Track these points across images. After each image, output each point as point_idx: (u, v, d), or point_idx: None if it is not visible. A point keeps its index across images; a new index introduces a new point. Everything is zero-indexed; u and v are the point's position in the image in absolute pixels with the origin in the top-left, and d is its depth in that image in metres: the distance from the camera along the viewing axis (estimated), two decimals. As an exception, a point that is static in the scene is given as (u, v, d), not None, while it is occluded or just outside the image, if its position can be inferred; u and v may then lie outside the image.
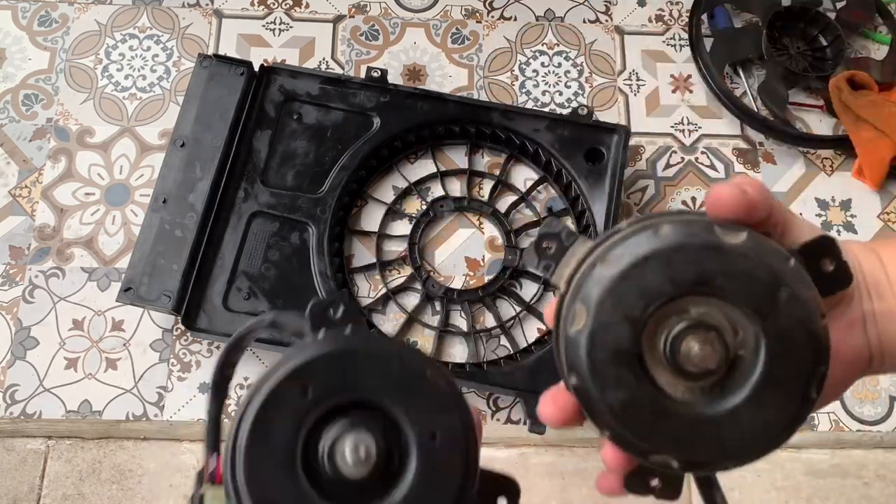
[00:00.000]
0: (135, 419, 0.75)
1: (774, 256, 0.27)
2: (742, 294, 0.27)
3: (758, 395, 0.27)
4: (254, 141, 0.79)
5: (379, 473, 0.28)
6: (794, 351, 0.27)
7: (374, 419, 0.28)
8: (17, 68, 0.88)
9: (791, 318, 0.27)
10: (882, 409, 0.79)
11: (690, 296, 0.27)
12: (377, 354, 0.29)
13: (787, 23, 0.91)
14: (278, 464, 0.28)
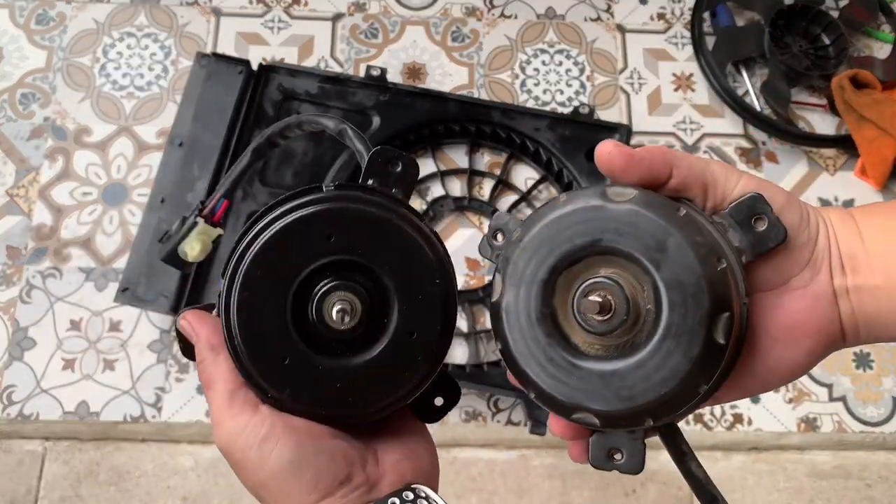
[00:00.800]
0: (132, 420, 0.75)
1: (661, 209, 0.28)
2: (634, 249, 0.28)
3: (661, 345, 0.28)
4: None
5: (363, 329, 0.30)
6: (690, 297, 0.27)
7: (362, 279, 0.31)
8: (15, 67, 0.88)
9: (682, 266, 0.27)
10: (885, 410, 0.78)
11: (594, 257, 0.28)
12: (376, 220, 0.31)
13: (789, 21, 0.90)
14: (272, 316, 0.30)
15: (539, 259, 0.29)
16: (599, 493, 0.75)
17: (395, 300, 0.31)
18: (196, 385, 0.76)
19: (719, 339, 0.27)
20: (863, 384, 0.79)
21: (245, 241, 0.30)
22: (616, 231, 0.28)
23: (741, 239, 0.29)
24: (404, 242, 0.30)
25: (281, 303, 0.30)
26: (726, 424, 0.77)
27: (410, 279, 0.31)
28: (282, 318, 0.30)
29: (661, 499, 0.75)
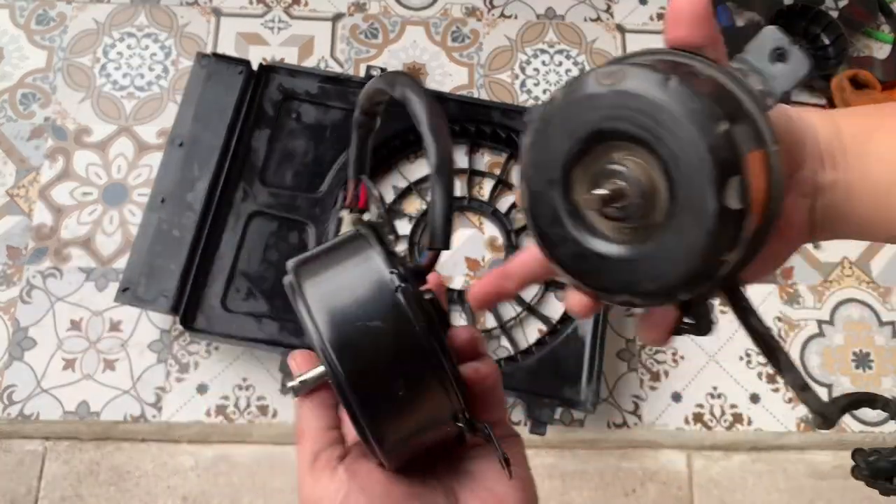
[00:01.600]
0: (133, 420, 0.75)
1: (648, 83, 0.27)
2: (632, 132, 0.27)
3: (678, 222, 0.27)
4: (252, 140, 0.79)
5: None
6: (693, 169, 0.26)
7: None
8: (15, 67, 0.88)
9: (679, 139, 0.26)
10: (885, 410, 0.78)
11: (601, 145, 0.28)
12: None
13: (789, 21, 0.90)
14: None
15: (547, 158, 0.29)
16: (599, 493, 0.75)
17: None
18: (196, 385, 0.76)
19: (732, 205, 0.26)
20: (862, 384, 0.79)
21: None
22: (611, 117, 0.27)
23: (764, 80, 0.28)
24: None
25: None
26: (726, 424, 0.77)
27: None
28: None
29: (661, 498, 0.75)
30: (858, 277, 0.83)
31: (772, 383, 0.79)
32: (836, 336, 0.81)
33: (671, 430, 0.77)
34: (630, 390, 0.78)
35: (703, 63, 0.28)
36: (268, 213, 0.77)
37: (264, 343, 0.72)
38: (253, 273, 0.75)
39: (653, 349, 0.80)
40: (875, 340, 0.81)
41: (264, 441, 0.75)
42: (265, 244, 0.76)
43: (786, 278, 0.83)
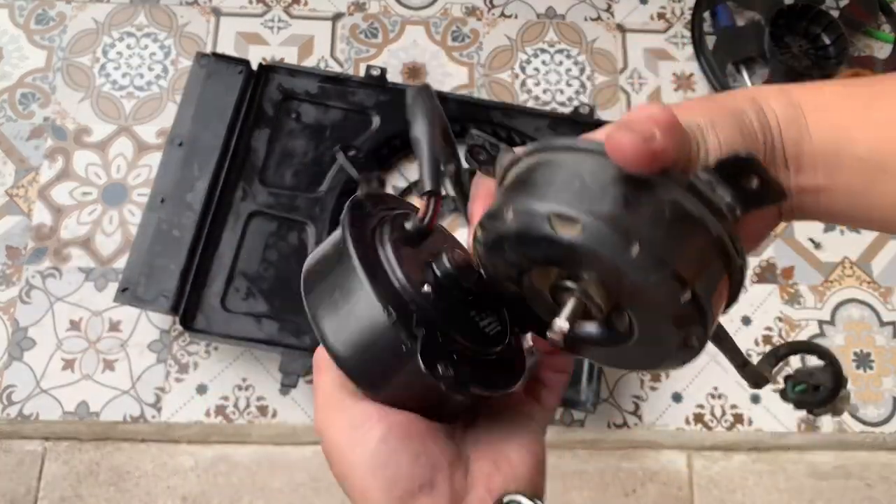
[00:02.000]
0: (132, 421, 0.75)
1: (611, 248, 0.25)
2: (593, 277, 0.27)
3: (639, 339, 0.28)
4: (252, 140, 0.79)
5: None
6: (655, 322, 0.27)
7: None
8: (14, 67, 0.88)
9: (647, 304, 0.26)
10: (885, 410, 0.78)
11: (556, 269, 0.28)
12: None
13: (789, 21, 0.90)
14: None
15: (508, 260, 0.29)
16: (599, 493, 0.75)
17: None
18: (196, 385, 0.76)
19: (693, 344, 0.28)
20: (863, 384, 0.79)
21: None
22: (568, 260, 0.27)
23: (732, 195, 0.26)
24: None
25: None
26: (726, 424, 0.77)
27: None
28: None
29: (662, 499, 0.75)
30: (859, 277, 0.83)
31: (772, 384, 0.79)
32: (836, 336, 0.81)
33: (671, 430, 0.77)
34: (630, 390, 0.78)
35: (668, 185, 0.26)
36: (267, 212, 0.77)
37: (264, 343, 0.72)
38: (252, 273, 0.75)
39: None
40: (876, 340, 0.81)
41: (264, 441, 0.75)
42: (265, 244, 0.76)
43: (786, 278, 0.83)
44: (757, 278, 0.82)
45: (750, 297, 0.81)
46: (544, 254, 0.27)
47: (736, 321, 0.81)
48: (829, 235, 0.84)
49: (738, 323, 0.80)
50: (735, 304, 0.29)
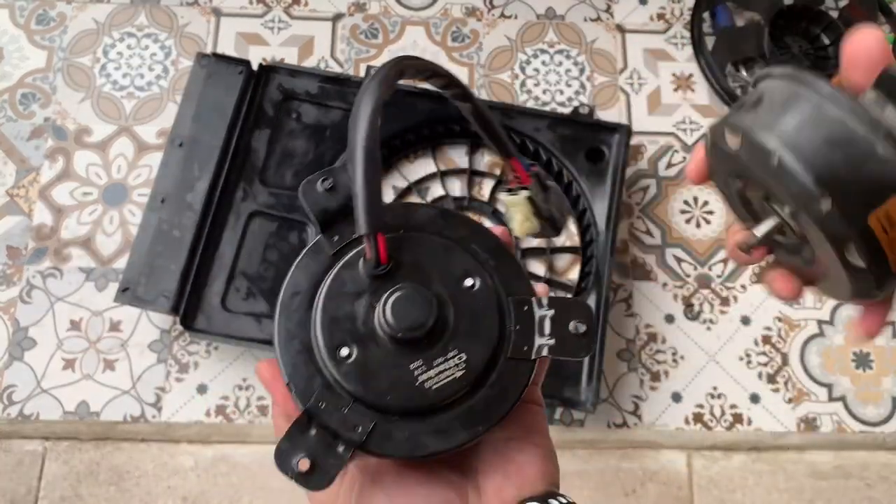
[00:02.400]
0: (133, 420, 0.75)
1: (806, 196, 0.27)
2: (791, 210, 0.30)
3: (825, 268, 0.30)
4: (252, 140, 0.79)
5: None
6: (813, 235, 0.29)
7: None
8: (15, 67, 0.88)
9: (826, 251, 0.28)
10: (885, 410, 0.78)
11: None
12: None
13: (789, 21, 0.91)
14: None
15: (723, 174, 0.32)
16: (600, 493, 0.75)
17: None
18: (196, 385, 0.76)
19: (857, 264, 0.28)
20: (863, 384, 0.79)
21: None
22: (778, 191, 0.29)
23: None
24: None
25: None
26: (726, 424, 0.77)
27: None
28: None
29: (662, 499, 0.75)
30: (858, 277, 0.83)
31: (772, 383, 0.79)
32: (836, 336, 0.81)
33: (671, 430, 0.77)
34: (630, 390, 0.78)
35: (840, 101, 0.26)
36: (268, 213, 0.77)
37: (264, 343, 0.72)
38: (253, 273, 0.75)
39: (653, 350, 0.79)
40: (875, 340, 0.81)
41: (264, 441, 0.75)
42: (265, 244, 0.76)
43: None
44: (756, 278, 0.83)
45: (749, 296, 0.82)
46: (755, 174, 0.29)
47: (735, 321, 0.81)
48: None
49: (737, 323, 0.81)
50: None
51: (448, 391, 0.29)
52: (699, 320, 0.81)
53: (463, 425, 0.29)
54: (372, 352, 0.29)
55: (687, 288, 0.82)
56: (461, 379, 0.29)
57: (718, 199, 0.86)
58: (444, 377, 0.29)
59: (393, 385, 0.29)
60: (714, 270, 0.83)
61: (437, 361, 0.29)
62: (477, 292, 0.31)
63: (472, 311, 0.30)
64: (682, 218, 0.85)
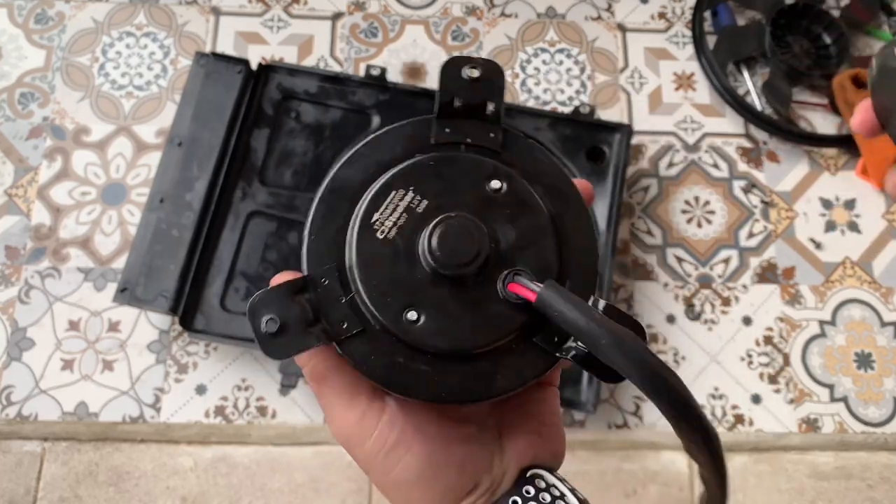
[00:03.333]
0: (131, 421, 0.74)
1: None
2: None
3: None
4: (251, 140, 0.79)
5: (474, 269, 0.27)
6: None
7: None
8: (13, 66, 0.88)
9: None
10: (886, 410, 0.78)
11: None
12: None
13: (790, 20, 0.90)
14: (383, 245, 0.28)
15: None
16: (600, 494, 0.75)
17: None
18: (195, 385, 0.76)
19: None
20: (864, 384, 0.79)
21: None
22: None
23: None
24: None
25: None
26: (727, 425, 0.77)
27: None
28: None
29: (662, 499, 0.75)
30: (860, 278, 0.83)
31: (773, 384, 0.79)
32: (837, 336, 0.81)
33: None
34: (631, 391, 0.78)
35: None
36: (267, 212, 0.77)
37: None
38: (252, 273, 0.75)
39: (654, 350, 0.79)
40: (877, 341, 0.81)
41: (263, 442, 0.75)
42: (264, 244, 0.76)
43: (787, 278, 0.82)
44: (758, 278, 0.82)
45: (751, 297, 0.81)
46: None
47: (737, 321, 0.80)
48: (830, 236, 0.84)
49: (738, 323, 0.80)
50: None
51: (491, 336, 0.27)
52: (700, 321, 0.80)
53: (504, 374, 0.27)
54: (410, 271, 0.27)
55: (688, 288, 0.82)
56: (504, 327, 0.27)
57: (719, 199, 0.85)
58: (489, 321, 0.27)
59: (426, 317, 0.27)
60: (715, 270, 0.82)
61: (481, 302, 0.27)
62: (544, 246, 0.28)
63: (537, 260, 0.28)
64: (683, 218, 0.84)
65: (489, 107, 0.29)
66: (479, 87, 0.29)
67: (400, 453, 0.28)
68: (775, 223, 0.85)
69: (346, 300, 0.27)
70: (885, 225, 0.85)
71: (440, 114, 0.29)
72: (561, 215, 0.29)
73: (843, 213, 0.85)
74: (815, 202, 0.86)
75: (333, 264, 0.28)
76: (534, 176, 0.29)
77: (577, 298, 0.25)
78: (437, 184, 0.28)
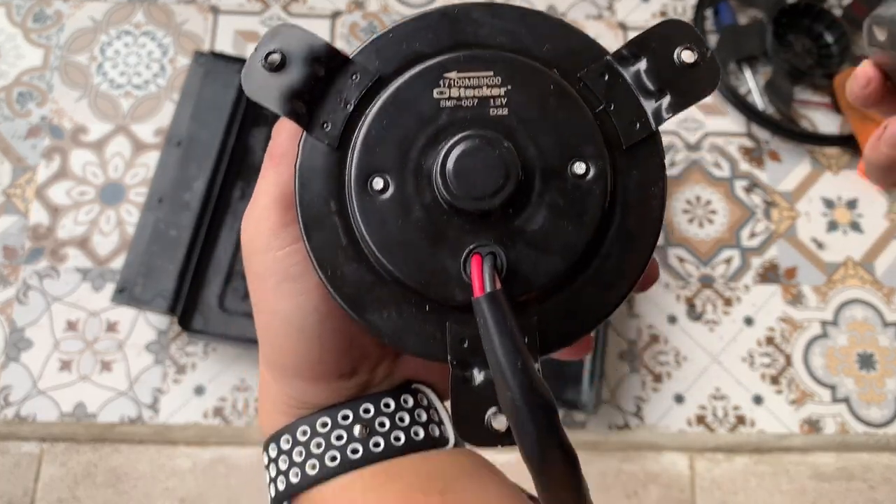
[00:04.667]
0: (130, 422, 0.74)
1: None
2: None
3: None
4: (250, 139, 0.78)
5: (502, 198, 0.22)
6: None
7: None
8: (11, 66, 0.87)
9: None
10: (888, 411, 0.78)
11: None
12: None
13: (792, 19, 0.90)
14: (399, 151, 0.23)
15: None
16: (601, 495, 0.74)
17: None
18: (193, 386, 0.75)
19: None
20: (866, 385, 0.79)
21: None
22: None
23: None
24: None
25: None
26: (728, 426, 0.77)
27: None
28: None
29: (663, 501, 0.74)
30: (862, 278, 0.82)
31: (775, 385, 0.78)
32: (839, 337, 0.80)
33: (673, 431, 0.76)
34: (632, 392, 0.77)
35: None
36: (266, 212, 0.76)
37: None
38: (251, 273, 0.74)
39: (655, 351, 0.79)
40: (879, 341, 0.80)
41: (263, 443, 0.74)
42: (263, 244, 0.75)
43: (789, 279, 0.82)
44: (759, 279, 0.82)
45: (752, 297, 0.81)
46: None
47: (738, 322, 0.80)
48: (832, 236, 0.84)
49: (740, 323, 0.80)
50: None
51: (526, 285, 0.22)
52: (702, 321, 0.80)
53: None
54: (416, 197, 0.23)
55: (689, 288, 0.81)
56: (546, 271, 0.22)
57: (721, 199, 0.85)
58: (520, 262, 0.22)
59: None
60: (717, 271, 0.82)
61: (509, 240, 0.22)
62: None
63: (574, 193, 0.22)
64: (685, 218, 0.84)
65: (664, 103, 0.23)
66: (686, 77, 0.23)
67: (297, 288, 0.24)
68: (777, 223, 0.84)
69: (349, 113, 0.23)
70: (888, 225, 0.85)
71: (617, 55, 0.24)
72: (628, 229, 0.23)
73: (845, 213, 0.85)
74: (817, 202, 0.85)
75: (375, 77, 0.23)
76: (635, 195, 0.23)
77: (514, 334, 0.21)
78: (525, 102, 0.23)
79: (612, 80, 0.23)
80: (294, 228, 0.23)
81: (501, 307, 0.21)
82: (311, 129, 0.23)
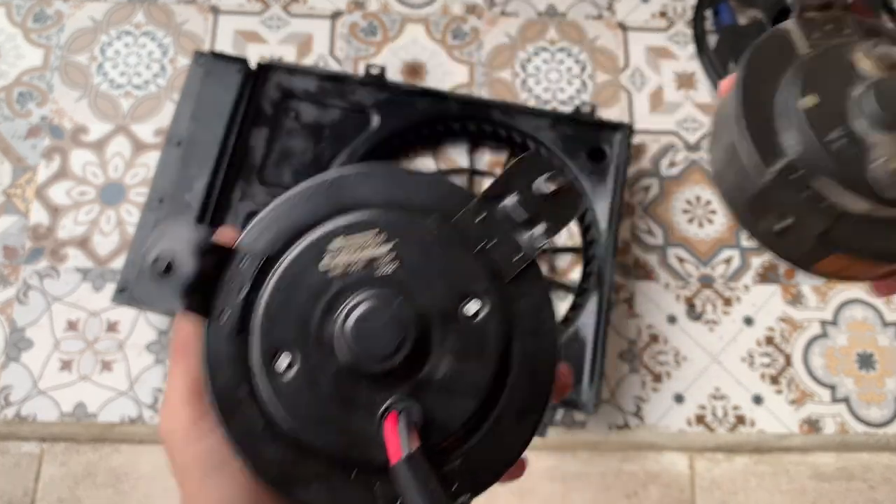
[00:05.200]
0: (130, 422, 0.74)
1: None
2: None
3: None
4: (250, 139, 0.78)
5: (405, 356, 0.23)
6: None
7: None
8: (11, 66, 0.87)
9: None
10: (888, 411, 0.78)
11: None
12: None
13: (792, 19, 0.90)
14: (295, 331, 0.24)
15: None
16: (601, 495, 0.74)
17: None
18: (194, 386, 0.75)
19: None
20: (866, 385, 0.79)
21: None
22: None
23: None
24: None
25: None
26: (728, 426, 0.77)
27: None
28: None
29: (663, 500, 0.75)
30: (862, 278, 0.82)
31: (775, 385, 0.78)
32: (839, 337, 0.80)
33: (673, 431, 0.76)
34: (632, 392, 0.77)
35: None
36: (266, 212, 0.76)
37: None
38: (251, 273, 0.74)
39: (655, 351, 0.79)
40: (878, 341, 0.80)
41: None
42: (263, 244, 0.75)
43: (788, 279, 0.82)
44: (759, 279, 0.82)
45: (752, 297, 0.81)
46: None
47: (738, 321, 0.80)
48: (832, 235, 0.84)
49: (740, 323, 0.80)
50: None
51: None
52: (701, 321, 0.80)
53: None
54: (321, 368, 0.24)
55: (689, 288, 0.81)
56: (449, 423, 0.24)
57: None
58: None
59: (340, 426, 0.23)
60: (717, 270, 0.82)
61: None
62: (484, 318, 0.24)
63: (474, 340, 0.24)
64: (685, 217, 0.84)
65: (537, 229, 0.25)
66: (550, 204, 0.25)
67: (223, 476, 0.24)
68: (777, 223, 0.84)
69: (243, 298, 0.24)
70: (887, 225, 0.85)
71: (484, 196, 0.25)
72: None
73: (844, 213, 0.85)
74: (816, 202, 0.85)
75: (262, 259, 0.24)
76: (528, 321, 0.25)
77: (433, 490, 0.21)
78: (417, 255, 0.24)
79: (486, 218, 0.25)
80: (210, 418, 0.24)
81: (420, 470, 0.22)
82: (210, 318, 0.24)
